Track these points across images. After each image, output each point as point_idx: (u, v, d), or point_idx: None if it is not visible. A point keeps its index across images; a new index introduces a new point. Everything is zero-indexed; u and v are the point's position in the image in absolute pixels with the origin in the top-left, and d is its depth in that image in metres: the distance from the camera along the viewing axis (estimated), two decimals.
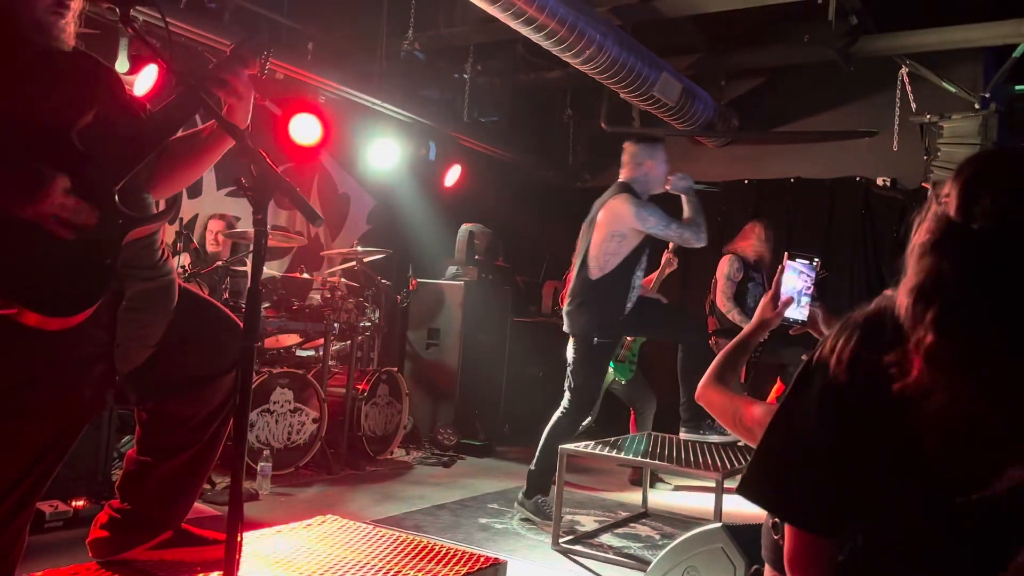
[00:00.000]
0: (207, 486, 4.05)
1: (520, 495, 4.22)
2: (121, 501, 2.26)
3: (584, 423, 4.53)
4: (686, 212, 4.19)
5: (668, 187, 4.21)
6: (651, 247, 4.34)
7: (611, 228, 4.12)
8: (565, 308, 4.33)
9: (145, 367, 2.03)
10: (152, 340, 2.03)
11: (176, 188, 2.12)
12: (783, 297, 1.94)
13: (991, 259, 1.00)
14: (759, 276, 5.72)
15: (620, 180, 4.26)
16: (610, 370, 5.26)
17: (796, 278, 1.97)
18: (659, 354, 5.84)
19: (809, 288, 1.96)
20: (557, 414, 4.23)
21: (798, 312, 1.94)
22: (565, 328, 4.33)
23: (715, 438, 4.16)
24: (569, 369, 4.30)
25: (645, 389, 5.46)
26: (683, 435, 4.30)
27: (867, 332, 1.14)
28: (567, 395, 4.27)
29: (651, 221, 4.07)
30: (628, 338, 5.30)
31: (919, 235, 1.10)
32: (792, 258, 2.00)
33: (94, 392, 1.96)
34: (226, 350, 2.16)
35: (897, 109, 6.01)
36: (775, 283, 1.97)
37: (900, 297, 1.06)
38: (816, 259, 2.02)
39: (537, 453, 4.17)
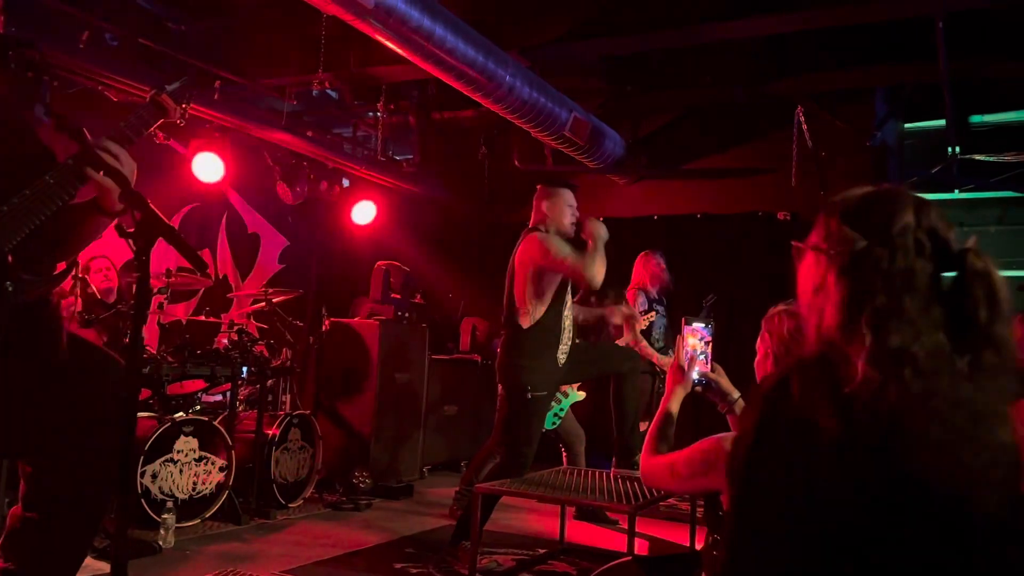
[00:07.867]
0: (103, 541, 3.85)
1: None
2: (4, 561, 2.13)
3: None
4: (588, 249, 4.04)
5: (583, 232, 4.05)
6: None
7: (525, 270, 4.04)
8: (497, 361, 4.14)
9: (23, 417, 1.93)
10: (30, 390, 1.93)
11: (68, 255, 2.03)
12: (686, 359, 2.05)
13: (898, 265, 1.17)
14: (663, 308, 5.84)
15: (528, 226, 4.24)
16: None
17: (693, 341, 2.09)
18: (589, 390, 5.77)
19: (706, 347, 2.09)
20: (490, 467, 4.11)
21: (696, 372, 2.06)
22: (499, 380, 4.15)
23: None
24: (504, 425, 4.11)
25: (574, 425, 5.44)
26: (614, 469, 4.28)
27: (822, 375, 1.20)
28: (502, 450, 4.05)
29: (550, 253, 3.94)
30: (563, 387, 5.13)
31: (818, 273, 1.25)
32: (688, 323, 2.11)
33: None
34: (112, 396, 2.06)
35: (795, 146, 6.28)
36: (676, 351, 2.08)
37: (826, 320, 1.21)
38: (711, 320, 2.15)
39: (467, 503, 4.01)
